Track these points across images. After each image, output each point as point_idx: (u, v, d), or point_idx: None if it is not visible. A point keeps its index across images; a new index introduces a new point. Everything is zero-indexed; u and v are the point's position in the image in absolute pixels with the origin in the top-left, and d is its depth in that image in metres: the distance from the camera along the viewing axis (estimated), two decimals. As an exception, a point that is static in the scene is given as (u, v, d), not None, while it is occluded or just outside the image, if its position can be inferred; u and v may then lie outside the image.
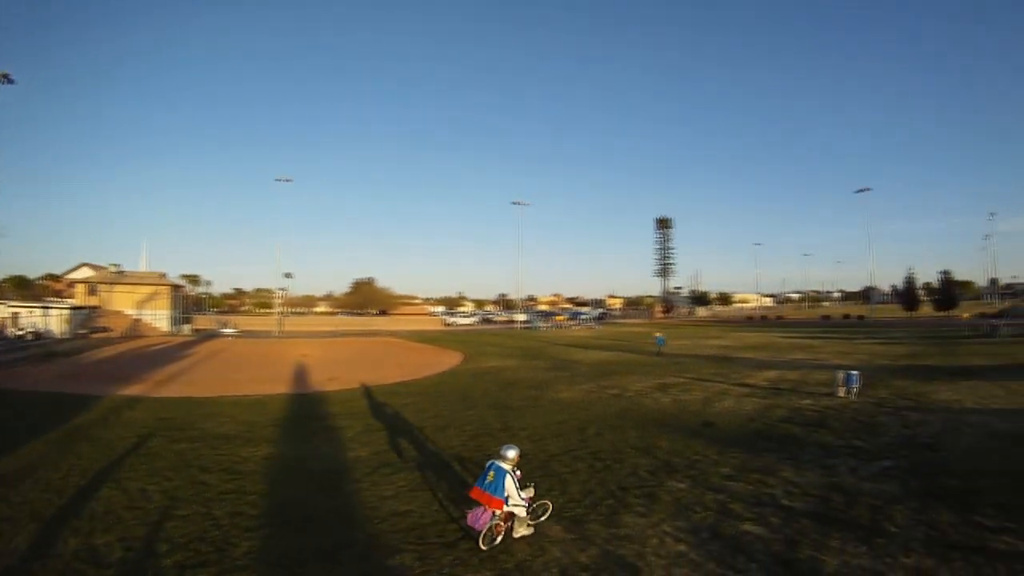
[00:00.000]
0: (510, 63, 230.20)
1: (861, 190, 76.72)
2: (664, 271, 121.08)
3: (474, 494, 7.08)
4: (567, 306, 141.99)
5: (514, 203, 79.08)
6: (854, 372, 17.72)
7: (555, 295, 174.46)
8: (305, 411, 16.13)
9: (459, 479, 9.50)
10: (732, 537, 7.11)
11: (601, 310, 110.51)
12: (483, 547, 6.80)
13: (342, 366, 28.38)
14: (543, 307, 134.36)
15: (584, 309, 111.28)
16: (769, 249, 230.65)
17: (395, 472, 9.97)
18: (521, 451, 7.64)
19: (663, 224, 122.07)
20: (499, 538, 6.97)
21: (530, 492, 7.39)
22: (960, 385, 19.16)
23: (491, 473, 7.03)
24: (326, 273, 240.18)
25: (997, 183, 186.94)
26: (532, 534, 7.23)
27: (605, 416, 15.02)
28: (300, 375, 24.72)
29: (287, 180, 63.46)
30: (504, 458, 7.17)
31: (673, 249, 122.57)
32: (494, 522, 6.92)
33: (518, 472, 7.33)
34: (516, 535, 7.12)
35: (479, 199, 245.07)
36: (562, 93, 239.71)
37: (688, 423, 14.07)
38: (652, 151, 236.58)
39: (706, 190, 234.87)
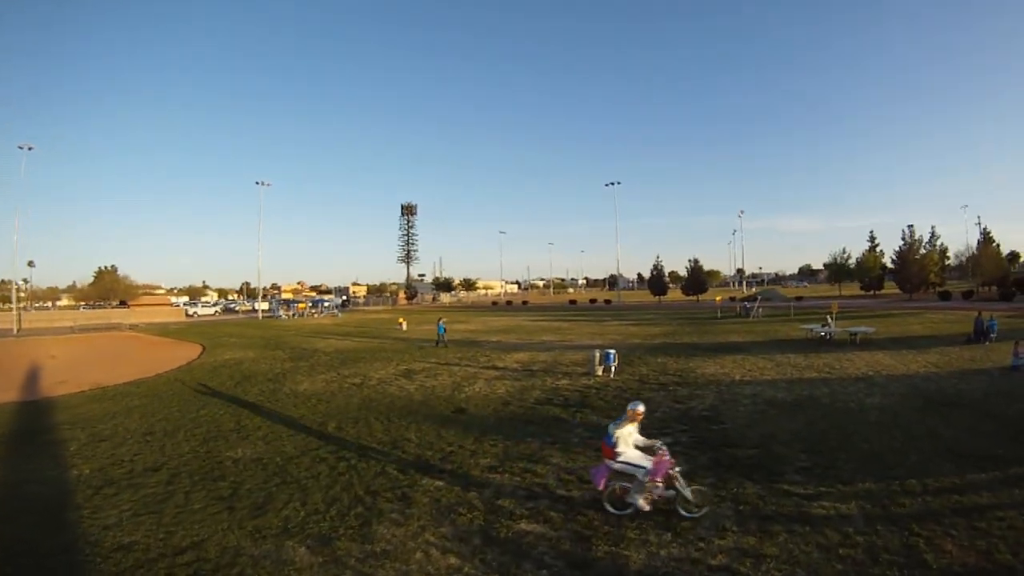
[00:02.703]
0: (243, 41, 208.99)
1: (611, 183, 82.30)
2: (408, 257, 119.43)
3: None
4: (310, 294, 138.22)
5: (257, 183, 68.20)
6: (611, 350, 17.53)
7: (299, 283, 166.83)
8: (27, 422, 13.97)
9: (186, 496, 7.90)
10: (510, 541, 6.15)
11: (344, 297, 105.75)
12: (610, 509, 6.64)
13: (74, 366, 25.23)
14: (287, 295, 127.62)
15: (327, 297, 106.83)
16: (513, 238, 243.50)
17: (119, 492, 8.28)
18: (643, 407, 7.03)
19: (407, 210, 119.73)
20: (628, 508, 6.56)
21: (660, 453, 6.70)
22: (725, 359, 19.16)
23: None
24: (72, 262, 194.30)
25: (744, 186, 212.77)
26: (646, 509, 6.51)
27: (347, 408, 13.84)
28: (28, 378, 21.57)
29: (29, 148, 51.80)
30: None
31: (417, 236, 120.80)
32: (614, 483, 6.73)
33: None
34: (634, 502, 6.56)
35: (223, 183, 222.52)
36: (315, 71, 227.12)
37: (438, 410, 13.13)
38: (400, 135, 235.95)
39: (451, 177, 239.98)
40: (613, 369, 16.71)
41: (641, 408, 6.82)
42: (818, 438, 9.30)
